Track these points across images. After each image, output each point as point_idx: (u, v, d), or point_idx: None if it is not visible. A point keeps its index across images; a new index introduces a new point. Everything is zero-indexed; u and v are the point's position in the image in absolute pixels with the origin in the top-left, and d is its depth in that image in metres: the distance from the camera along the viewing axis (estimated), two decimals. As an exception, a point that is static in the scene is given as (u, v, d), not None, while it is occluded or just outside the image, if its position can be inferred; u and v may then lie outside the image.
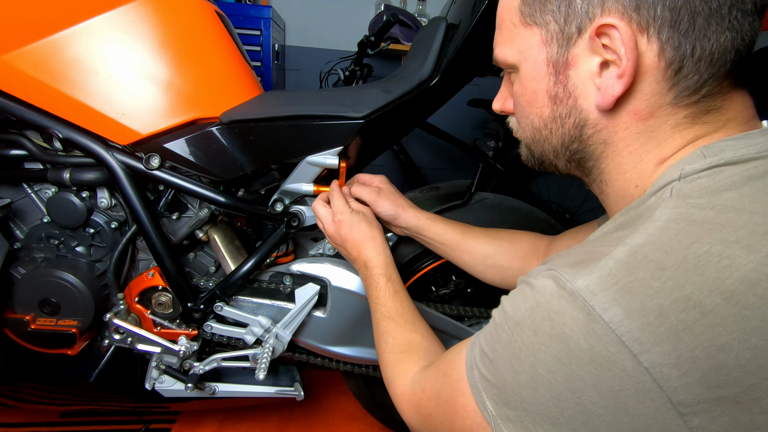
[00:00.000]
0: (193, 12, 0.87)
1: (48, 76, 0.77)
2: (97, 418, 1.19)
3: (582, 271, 0.37)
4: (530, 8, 0.44)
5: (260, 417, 1.23)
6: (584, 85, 0.42)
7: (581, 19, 0.41)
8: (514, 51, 0.47)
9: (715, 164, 0.38)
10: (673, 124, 0.41)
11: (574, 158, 0.47)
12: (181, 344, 0.92)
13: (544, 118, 0.46)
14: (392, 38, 1.90)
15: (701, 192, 0.37)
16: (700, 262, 0.33)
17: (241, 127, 0.82)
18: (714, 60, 0.39)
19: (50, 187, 0.88)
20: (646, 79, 0.40)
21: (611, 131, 0.43)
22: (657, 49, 0.39)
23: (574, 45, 0.42)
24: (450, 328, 0.95)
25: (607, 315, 0.34)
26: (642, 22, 0.38)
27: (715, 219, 0.35)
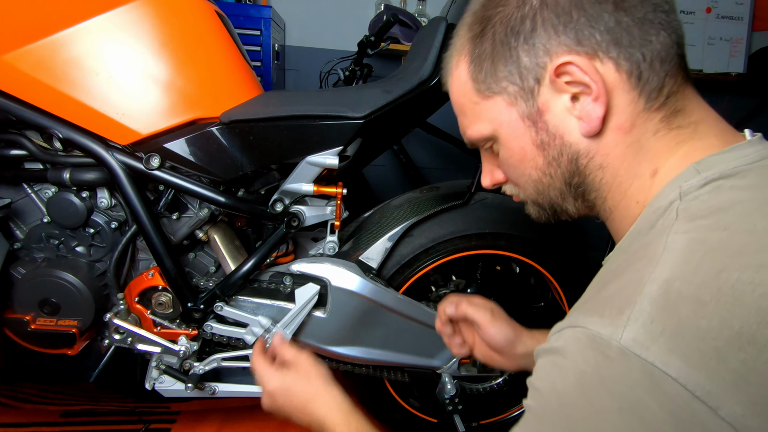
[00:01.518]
0: (193, 12, 0.87)
1: (48, 76, 0.77)
2: (97, 418, 1.18)
3: (618, 320, 0.34)
4: (484, 84, 0.46)
5: (260, 417, 1.23)
6: (564, 122, 0.44)
7: (534, 71, 0.43)
8: (486, 124, 0.48)
9: (711, 179, 0.38)
10: (653, 130, 0.43)
11: (579, 193, 0.48)
12: (181, 344, 0.92)
13: (540, 167, 0.47)
14: (392, 38, 1.90)
15: (708, 211, 0.37)
16: (736, 292, 0.32)
17: (241, 127, 0.82)
18: (663, 57, 0.41)
19: (50, 187, 0.88)
20: (617, 93, 0.42)
21: (604, 153, 0.44)
22: (613, 66, 0.41)
23: (538, 94, 0.44)
24: (450, 328, 0.95)
25: (671, 370, 0.31)
26: (589, 51, 0.41)
27: (732, 241, 0.34)
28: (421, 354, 0.97)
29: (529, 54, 0.43)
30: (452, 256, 0.95)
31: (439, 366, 0.99)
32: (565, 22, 0.41)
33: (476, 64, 0.47)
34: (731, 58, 2.34)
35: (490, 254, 0.97)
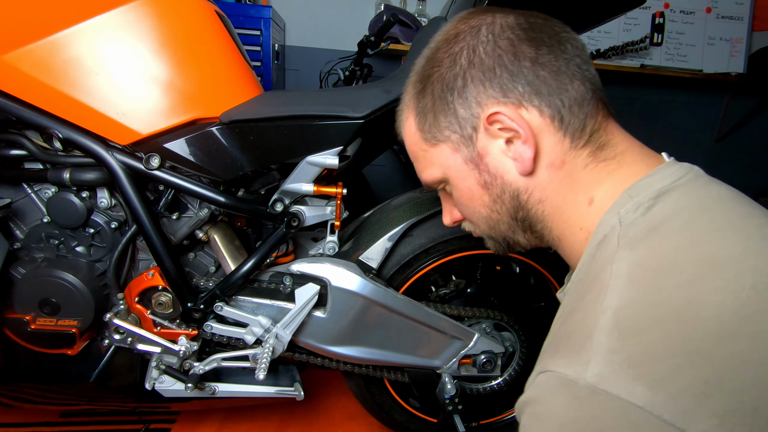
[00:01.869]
0: (193, 12, 0.87)
1: (48, 76, 0.77)
2: (97, 418, 1.18)
3: (580, 358, 0.36)
4: (429, 134, 0.52)
5: (260, 417, 1.23)
6: (502, 163, 0.49)
7: (470, 121, 0.49)
8: (437, 169, 0.54)
9: (643, 202, 0.42)
10: (583, 164, 0.48)
11: (526, 226, 0.53)
12: (181, 344, 0.92)
13: (487, 204, 0.53)
14: (392, 38, 1.90)
15: (643, 233, 0.40)
16: (679, 310, 0.34)
17: (241, 127, 0.82)
18: (580, 102, 0.47)
19: (50, 187, 0.88)
20: (544, 135, 0.47)
21: (541, 189, 0.49)
22: (537, 113, 0.47)
23: (477, 140, 0.50)
24: (450, 328, 0.95)
25: (637, 399, 0.32)
26: (514, 101, 0.47)
27: (665, 260, 0.38)
28: (421, 354, 0.97)
29: (463, 106, 0.49)
30: (452, 256, 0.95)
31: (439, 366, 0.99)
32: (490, 78, 0.47)
33: (421, 117, 0.53)
34: (731, 58, 2.34)
35: (490, 254, 0.97)
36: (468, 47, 0.48)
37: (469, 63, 0.48)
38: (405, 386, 1.09)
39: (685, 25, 2.32)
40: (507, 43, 0.47)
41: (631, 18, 2.26)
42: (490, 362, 0.99)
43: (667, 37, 2.28)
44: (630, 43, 2.19)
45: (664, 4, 2.30)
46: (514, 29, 0.47)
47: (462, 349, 0.98)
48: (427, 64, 0.52)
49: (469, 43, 0.48)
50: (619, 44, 2.20)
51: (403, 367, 1.00)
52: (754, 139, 2.64)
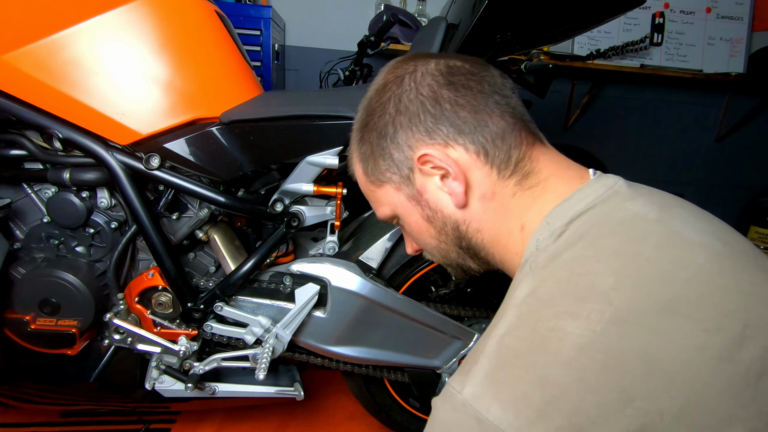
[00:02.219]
0: (193, 12, 0.87)
1: (48, 76, 0.77)
2: (97, 418, 1.18)
3: (467, 376, 0.42)
4: (373, 176, 0.57)
5: (260, 417, 1.23)
6: (440, 199, 0.54)
7: (405, 163, 0.53)
8: (386, 207, 0.59)
9: (556, 229, 0.46)
10: (511, 193, 0.51)
11: (472, 253, 0.57)
12: (181, 344, 0.92)
13: (434, 236, 0.57)
14: (392, 38, 1.90)
15: (546, 261, 0.44)
16: (544, 340, 0.39)
17: (241, 127, 0.82)
18: (502, 136, 0.50)
19: (50, 187, 0.88)
20: (473, 170, 0.51)
21: (477, 219, 0.53)
22: (463, 150, 0.51)
23: (415, 179, 0.54)
24: (450, 328, 0.95)
25: (491, 415, 0.38)
26: (440, 141, 0.51)
27: (553, 290, 0.41)
28: (421, 354, 0.97)
29: (397, 150, 0.53)
30: (452, 256, 0.95)
31: (439, 366, 0.99)
32: (416, 122, 0.51)
33: (364, 163, 0.58)
34: (731, 58, 2.34)
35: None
36: (394, 96, 0.53)
37: (396, 111, 0.52)
38: (405, 386, 1.09)
39: (685, 25, 2.31)
40: (428, 89, 0.51)
41: (631, 18, 2.26)
42: (490, 362, 0.99)
43: (667, 37, 2.28)
44: (630, 43, 2.19)
45: (664, 4, 2.29)
46: (434, 76, 0.52)
47: (462, 349, 0.98)
48: (364, 113, 0.57)
49: (395, 93, 0.53)
50: (619, 44, 2.20)
51: (403, 367, 1.00)
52: (754, 139, 2.64)
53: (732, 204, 2.75)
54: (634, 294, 0.38)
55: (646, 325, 0.37)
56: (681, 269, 0.40)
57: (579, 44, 2.24)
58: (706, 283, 0.39)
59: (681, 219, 0.44)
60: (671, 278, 0.39)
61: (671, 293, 0.38)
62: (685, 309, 0.38)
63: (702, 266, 0.40)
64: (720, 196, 2.74)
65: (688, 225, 0.44)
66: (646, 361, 0.36)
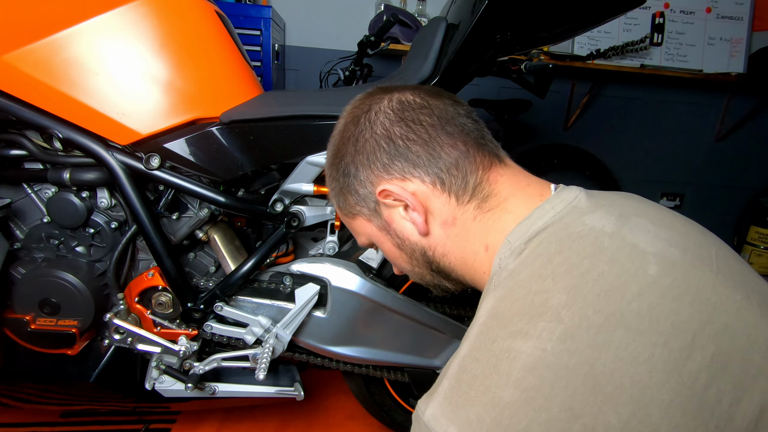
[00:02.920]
0: (193, 12, 0.87)
1: (48, 76, 0.77)
2: (97, 418, 1.19)
3: (431, 397, 0.43)
4: (345, 210, 0.60)
5: (260, 417, 1.23)
6: (405, 228, 0.56)
7: (370, 197, 0.56)
8: (363, 236, 0.62)
9: (516, 247, 0.47)
10: (472, 217, 0.53)
11: (445, 275, 0.58)
12: (181, 344, 0.92)
13: (407, 261, 0.59)
14: (392, 38, 1.90)
15: (505, 280, 0.45)
16: (498, 360, 0.40)
17: (241, 127, 0.82)
18: (456, 164, 0.52)
19: (50, 187, 0.88)
20: (431, 199, 0.53)
21: (442, 244, 0.55)
22: (419, 182, 0.53)
23: (381, 212, 0.57)
24: (450, 328, 0.95)
25: None
26: (397, 175, 0.53)
27: (509, 310, 0.42)
28: (421, 354, 0.97)
29: (361, 186, 0.56)
30: (452, 256, 0.95)
31: (439, 366, 0.99)
32: (372, 160, 0.54)
33: (335, 198, 0.61)
34: (731, 58, 2.34)
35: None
36: (352, 137, 0.56)
37: (355, 151, 0.55)
38: (405, 386, 1.09)
39: (685, 25, 2.31)
40: (380, 128, 0.54)
41: (631, 18, 2.25)
42: (490, 362, 0.99)
43: (667, 37, 2.28)
44: (630, 43, 2.19)
45: (664, 4, 2.29)
46: (387, 114, 0.54)
47: (462, 349, 0.98)
48: (331, 153, 0.60)
49: (353, 133, 0.55)
50: (619, 44, 2.20)
51: (403, 367, 1.00)
52: (754, 139, 2.64)
53: (732, 204, 2.75)
54: (583, 310, 0.39)
55: (592, 341, 0.37)
56: (632, 282, 0.40)
57: (579, 44, 2.24)
58: (656, 294, 0.39)
59: (638, 229, 0.45)
60: (622, 292, 0.39)
61: (620, 307, 0.38)
62: (633, 323, 0.38)
63: (653, 277, 0.40)
64: (720, 196, 2.74)
65: (645, 234, 0.44)
66: (591, 377, 0.36)
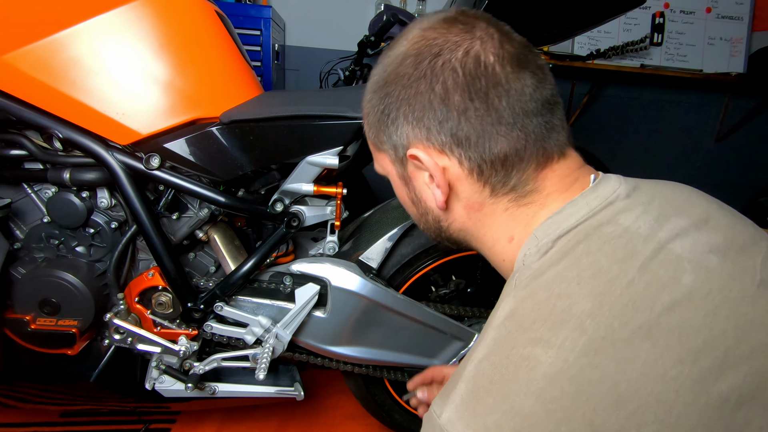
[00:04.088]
0: (193, 12, 0.87)
1: (48, 76, 0.77)
2: (97, 418, 1.18)
3: (446, 400, 0.41)
4: (373, 140, 0.55)
5: (260, 417, 1.23)
6: (425, 192, 0.52)
7: (398, 148, 0.51)
8: (381, 167, 0.57)
9: (544, 245, 0.44)
10: (503, 209, 0.49)
11: (452, 241, 0.56)
12: (181, 344, 0.92)
13: (415, 215, 0.57)
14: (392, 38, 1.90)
15: (528, 279, 0.42)
16: (516, 368, 0.38)
17: (241, 127, 0.82)
18: (503, 161, 0.46)
19: (50, 187, 0.88)
20: (462, 182, 0.48)
21: (461, 222, 0.52)
22: (457, 162, 0.47)
23: (406, 165, 0.52)
24: (450, 328, 0.95)
25: None
26: (436, 146, 0.47)
27: (530, 314, 0.40)
28: (421, 354, 0.97)
29: (396, 134, 0.50)
30: (452, 256, 0.95)
31: (439, 366, 0.99)
32: (418, 118, 0.47)
33: (367, 124, 0.55)
34: (731, 58, 2.34)
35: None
36: (405, 79, 0.47)
37: (404, 97, 0.48)
38: (405, 386, 1.09)
39: (685, 25, 2.32)
40: (441, 87, 0.46)
41: (631, 18, 2.26)
42: (490, 362, 0.99)
43: (667, 37, 2.28)
44: (630, 43, 2.19)
45: (664, 4, 2.30)
46: (455, 72, 0.45)
47: (462, 349, 0.98)
48: (379, 77, 0.51)
49: (409, 75, 0.47)
50: (619, 44, 2.20)
51: (403, 367, 1.00)
52: (754, 139, 2.64)
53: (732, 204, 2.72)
54: (608, 321, 0.36)
55: (617, 355, 0.35)
56: (664, 293, 0.37)
57: (579, 44, 2.24)
58: (689, 307, 0.37)
59: (677, 231, 0.41)
60: (651, 303, 0.37)
61: (648, 320, 0.36)
62: (661, 338, 0.36)
63: (687, 288, 0.37)
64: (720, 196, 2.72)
65: (684, 238, 0.41)
66: (615, 393, 0.35)
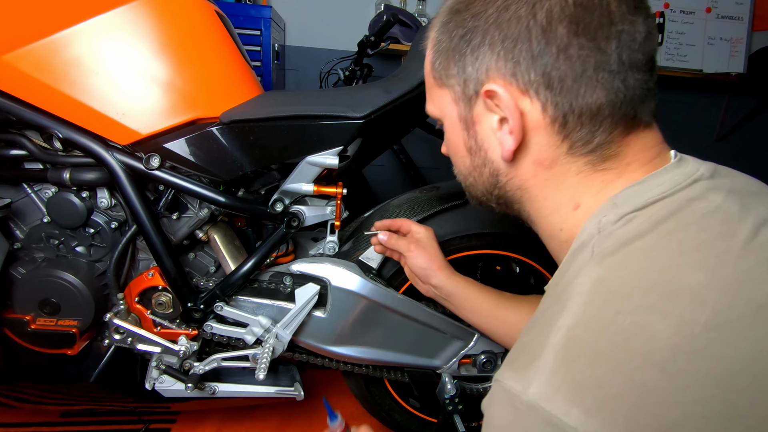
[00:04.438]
0: (193, 12, 0.87)
1: (48, 76, 0.77)
2: (97, 418, 1.18)
3: (526, 374, 0.36)
4: (437, 72, 0.49)
5: (260, 417, 1.23)
6: (489, 139, 0.46)
7: (474, 83, 0.45)
8: (436, 108, 0.52)
9: (625, 213, 0.40)
10: (576, 171, 0.44)
11: (501, 202, 0.51)
12: (181, 344, 0.92)
13: (467, 167, 0.51)
14: (392, 38, 1.90)
15: (615, 246, 0.38)
16: (628, 336, 0.34)
17: (241, 127, 0.82)
18: (593, 115, 0.41)
19: (50, 187, 0.88)
20: (539, 133, 0.43)
21: (522, 179, 0.46)
22: (540, 108, 0.42)
23: (475, 105, 0.46)
24: (450, 328, 0.95)
25: (571, 420, 0.33)
26: (521, 85, 0.42)
27: (630, 281, 0.36)
28: (421, 354, 0.97)
29: (473, 65, 0.44)
30: (452, 256, 0.95)
31: (439, 366, 0.99)
32: (508, 48, 0.42)
33: (436, 52, 0.48)
34: (731, 58, 2.34)
35: (490, 254, 0.97)
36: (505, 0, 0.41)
37: (494, 21, 0.42)
38: (405, 386, 1.09)
39: (685, 25, 2.31)
40: (545, 15, 0.40)
41: (631, 18, 2.25)
42: (490, 362, 0.99)
43: (667, 37, 2.28)
44: (630, 43, 2.19)
45: (664, 4, 2.29)
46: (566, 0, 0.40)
47: (462, 349, 0.98)
48: None
49: None
50: (619, 44, 2.20)
51: (403, 367, 1.00)
52: (754, 139, 2.64)
53: (732, 204, 2.75)
54: (729, 297, 0.34)
55: (748, 333, 0.33)
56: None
57: (579, 44, 2.24)
58: None
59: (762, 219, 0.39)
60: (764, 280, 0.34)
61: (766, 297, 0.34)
62: None
63: None
64: (720, 196, 2.74)
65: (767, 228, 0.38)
66: (752, 374, 0.32)
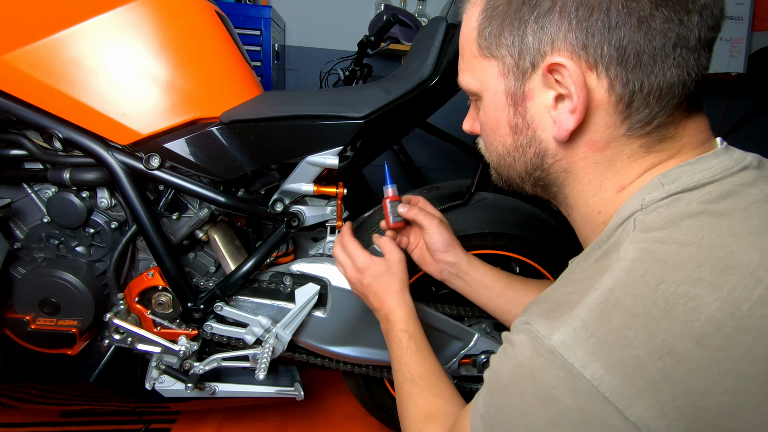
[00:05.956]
0: (193, 12, 0.87)
1: (48, 76, 0.77)
2: (97, 418, 1.18)
3: (557, 322, 0.37)
4: (486, 41, 0.44)
5: (260, 417, 1.23)
6: (541, 117, 0.43)
7: (534, 55, 0.41)
8: (476, 80, 0.48)
9: (673, 192, 0.39)
10: (629, 154, 0.42)
11: (539, 184, 0.49)
12: (181, 344, 0.92)
13: (507, 146, 0.48)
14: (392, 38, 1.90)
15: (662, 223, 0.38)
16: (669, 305, 0.34)
17: (241, 127, 0.82)
18: (662, 94, 0.40)
19: (50, 187, 0.88)
20: (599, 113, 0.41)
21: (570, 161, 0.44)
22: (607, 85, 0.40)
23: (529, 79, 0.43)
24: (450, 328, 0.95)
25: (588, 372, 0.34)
26: (590, 60, 0.39)
27: (678, 254, 0.35)
28: (421, 354, 0.97)
29: (535, 35, 0.40)
30: (452, 256, 0.95)
31: (439, 366, 0.99)
32: (582, 17, 0.38)
33: (486, 17, 0.44)
34: (731, 58, 2.33)
35: (490, 254, 0.97)
36: None
37: None
38: (405, 386, 1.09)
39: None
40: None
41: (631, 18, 2.25)
42: (490, 362, 0.99)
43: (667, 37, 2.28)
44: (630, 43, 2.19)
45: (664, 4, 2.29)
46: None
47: (462, 349, 0.98)
48: None
49: None
50: (619, 44, 2.20)
51: (403, 367, 1.00)
52: (754, 139, 2.64)
53: (732, 204, 2.75)
54: None
55: None
56: None
57: (579, 44, 2.24)
58: None
59: None
60: None
61: None
62: None
63: None
64: (720, 196, 2.74)
65: None
66: None
